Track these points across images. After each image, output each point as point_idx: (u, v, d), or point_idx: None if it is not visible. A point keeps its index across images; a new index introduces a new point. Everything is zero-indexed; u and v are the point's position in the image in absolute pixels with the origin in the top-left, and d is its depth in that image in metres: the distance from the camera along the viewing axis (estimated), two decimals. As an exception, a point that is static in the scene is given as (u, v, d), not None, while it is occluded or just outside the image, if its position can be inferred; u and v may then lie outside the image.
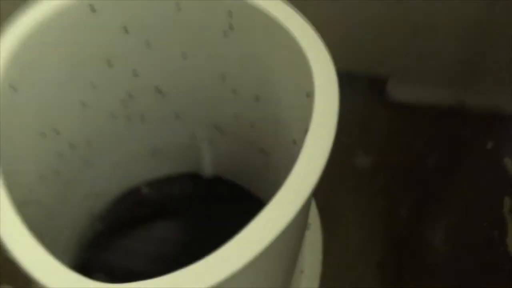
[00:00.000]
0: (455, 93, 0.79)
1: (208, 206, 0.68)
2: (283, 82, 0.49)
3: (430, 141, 0.79)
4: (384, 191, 0.77)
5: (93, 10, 0.47)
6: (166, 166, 0.66)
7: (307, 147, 0.37)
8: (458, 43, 0.74)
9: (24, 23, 0.44)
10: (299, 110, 0.44)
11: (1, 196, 0.35)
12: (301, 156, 0.37)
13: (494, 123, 0.69)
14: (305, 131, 0.38)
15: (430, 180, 0.76)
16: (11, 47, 0.43)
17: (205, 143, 0.63)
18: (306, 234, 0.60)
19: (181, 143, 0.63)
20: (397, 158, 0.80)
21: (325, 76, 0.41)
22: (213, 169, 0.67)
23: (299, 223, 0.42)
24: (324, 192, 0.47)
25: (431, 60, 0.78)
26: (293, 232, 0.41)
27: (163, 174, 0.67)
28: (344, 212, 0.76)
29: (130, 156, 0.62)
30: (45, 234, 0.37)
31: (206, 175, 0.67)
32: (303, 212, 0.37)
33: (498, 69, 0.69)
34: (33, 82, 0.46)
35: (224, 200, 0.67)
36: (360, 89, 0.78)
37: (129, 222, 0.67)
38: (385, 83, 0.82)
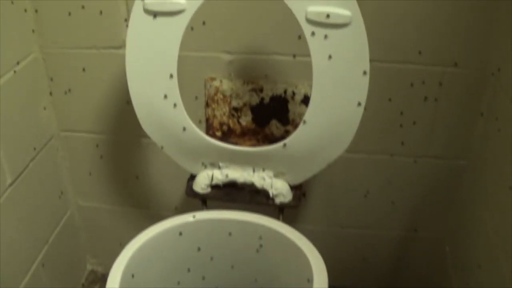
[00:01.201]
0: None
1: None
2: (294, 276, 0.81)
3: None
4: None
5: (180, 234, 0.82)
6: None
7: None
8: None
9: (141, 238, 0.79)
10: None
11: None
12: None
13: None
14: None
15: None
16: (132, 252, 0.77)
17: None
18: None
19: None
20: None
21: (319, 270, 0.74)
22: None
23: None
24: None
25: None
26: None
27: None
28: None
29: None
30: None
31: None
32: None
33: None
34: (143, 273, 0.79)
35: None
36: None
37: None
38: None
